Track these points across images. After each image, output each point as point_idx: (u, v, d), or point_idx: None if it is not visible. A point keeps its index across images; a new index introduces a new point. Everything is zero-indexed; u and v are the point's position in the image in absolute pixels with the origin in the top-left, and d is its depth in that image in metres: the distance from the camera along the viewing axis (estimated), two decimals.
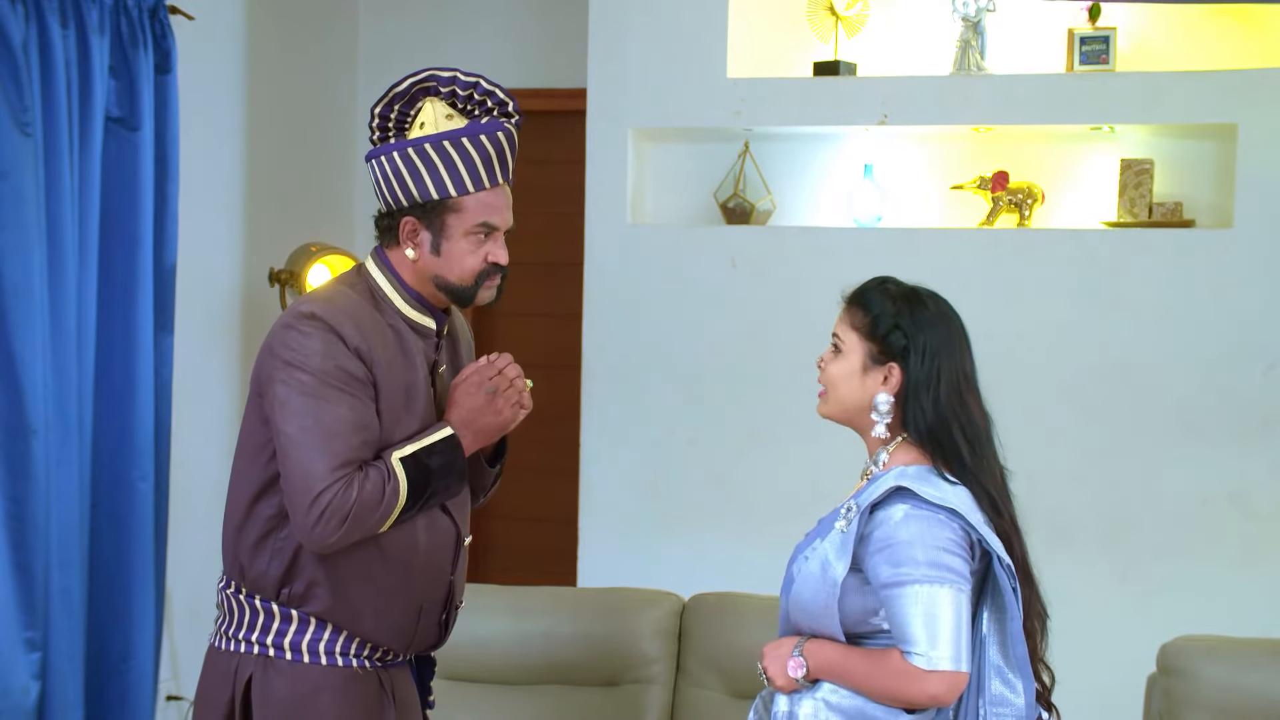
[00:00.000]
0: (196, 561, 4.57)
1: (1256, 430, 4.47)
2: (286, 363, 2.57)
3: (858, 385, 2.51)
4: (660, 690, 3.59)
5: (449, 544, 2.77)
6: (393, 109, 2.71)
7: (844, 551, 2.40)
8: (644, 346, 4.93)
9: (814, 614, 2.45)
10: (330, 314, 2.60)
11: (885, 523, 2.37)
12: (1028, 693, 2.41)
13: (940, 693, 2.32)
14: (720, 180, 5.01)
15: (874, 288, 2.56)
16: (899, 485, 2.38)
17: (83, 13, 3.92)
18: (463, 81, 2.68)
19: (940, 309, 2.53)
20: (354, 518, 2.53)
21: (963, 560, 2.35)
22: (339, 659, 2.69)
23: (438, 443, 2.64)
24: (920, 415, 2.46)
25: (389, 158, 2.66)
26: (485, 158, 2.66)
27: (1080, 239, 4.64)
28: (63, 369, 3.89)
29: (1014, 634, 2.40)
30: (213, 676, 2.73)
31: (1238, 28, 4.66)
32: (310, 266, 4.88)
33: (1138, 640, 3.81)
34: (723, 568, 4.66)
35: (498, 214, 2.69)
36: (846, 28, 4.88)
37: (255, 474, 2.67)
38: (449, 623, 2.85)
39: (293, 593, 2.66)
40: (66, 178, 3.88)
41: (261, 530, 2.66)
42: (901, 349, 2.48)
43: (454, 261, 2.67)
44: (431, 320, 2.75)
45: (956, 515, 2.35)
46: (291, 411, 2.55)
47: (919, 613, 2.31)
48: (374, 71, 5.80)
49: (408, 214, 2.67)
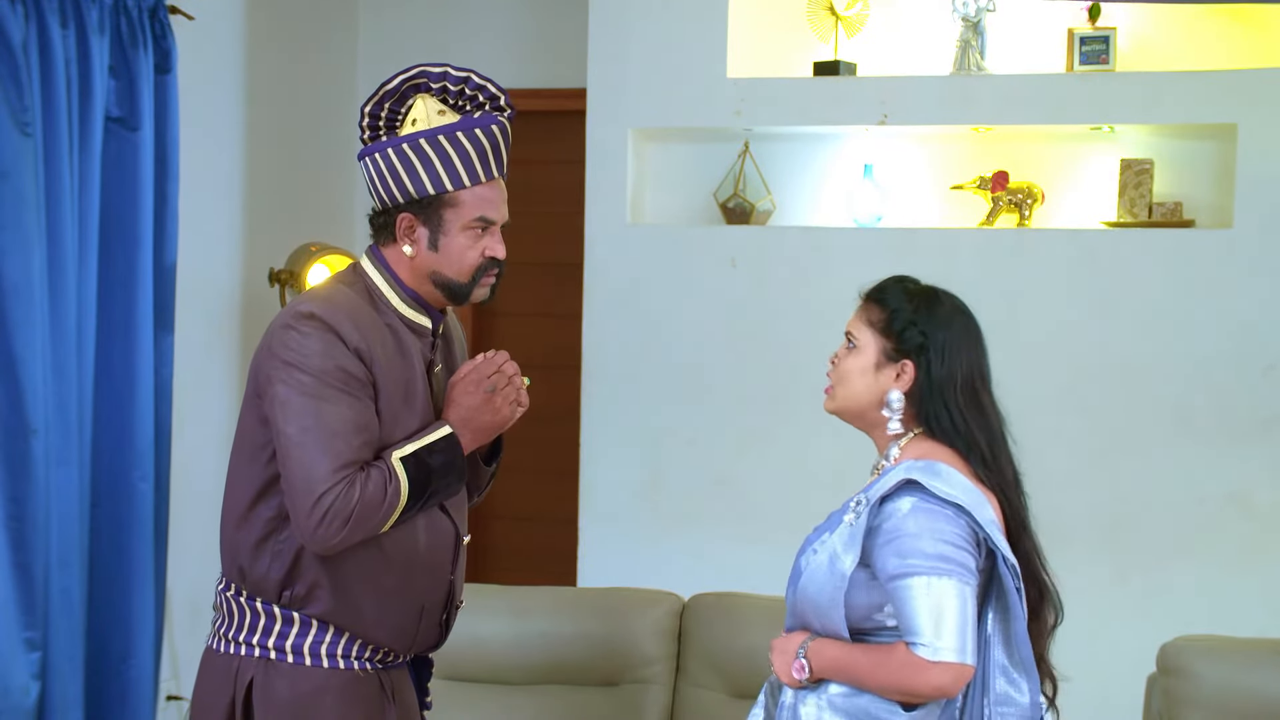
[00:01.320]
0: (196, 561, 4.57)
1: (1256, 430, 4.47)
2: (286, 363, 2.56)
3: (871, 381, 2.52)
4: (660, 690, 3.59)
5: (449, 544, 2.76)
6: (383, 107, 2.70)
7: (852, 544, 2.40)
8: (644, 346, 4.93)
9: (820, 607, 2.45)
10: (329, 313, 2.59)
11: (893, 515, 2.38)
12: (1033, 692, 2.41)
13: (945, 684, 2.31)
14: (720, 180, 5.01)
15: (892, 285, 2.57)
16: (908, 478, 2.38)
17: (82, 12, 3.92)
18: (454, 77, 2.68)
19: (957, 308, 2.55)
20: (356, 518, 2.52)
21: (969, 554, 2.36)
22: (340, 661, 2.68)
23: (437, 441, 2.64)
24: (938, 414, 2.47)
25: (383, 155, 2.65)
26: (480, 152, 2.65)
27: (1080, 239, 4.64)
28: (63, 369, 3.89)
29: (1018, 634, 2.40)
30: (212, 678, 2.72)
31: (1238, 28, 4.67)
32: (310, 266, 4.88)
33: (1137, 640, 3.82)
34: (722, 568, 4.66)
35: (494, 208, 2.68)
36: (846, 28, 4.88)
37: (254, 475, 2.65)
38: (449, 623, 2.84)
39: (294, 595, 2.65)
40: (66, 178, 3.88)
41: (261, 532, 2.65)
42: (917, 346, 2.49)
43: (452, 257, 2.67)
44: (428, 319, 2.74)
45: (963, 511, 2.35)
46: (292, 412, 2.54)
47: (925, 604, 2.31)
48: (374, 71, 5.80)
49: (404, 210, 2.66)
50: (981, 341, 2.55)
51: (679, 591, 3.76)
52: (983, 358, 2.54)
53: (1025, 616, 2.41)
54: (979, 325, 2.56)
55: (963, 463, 2.45)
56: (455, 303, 2.75)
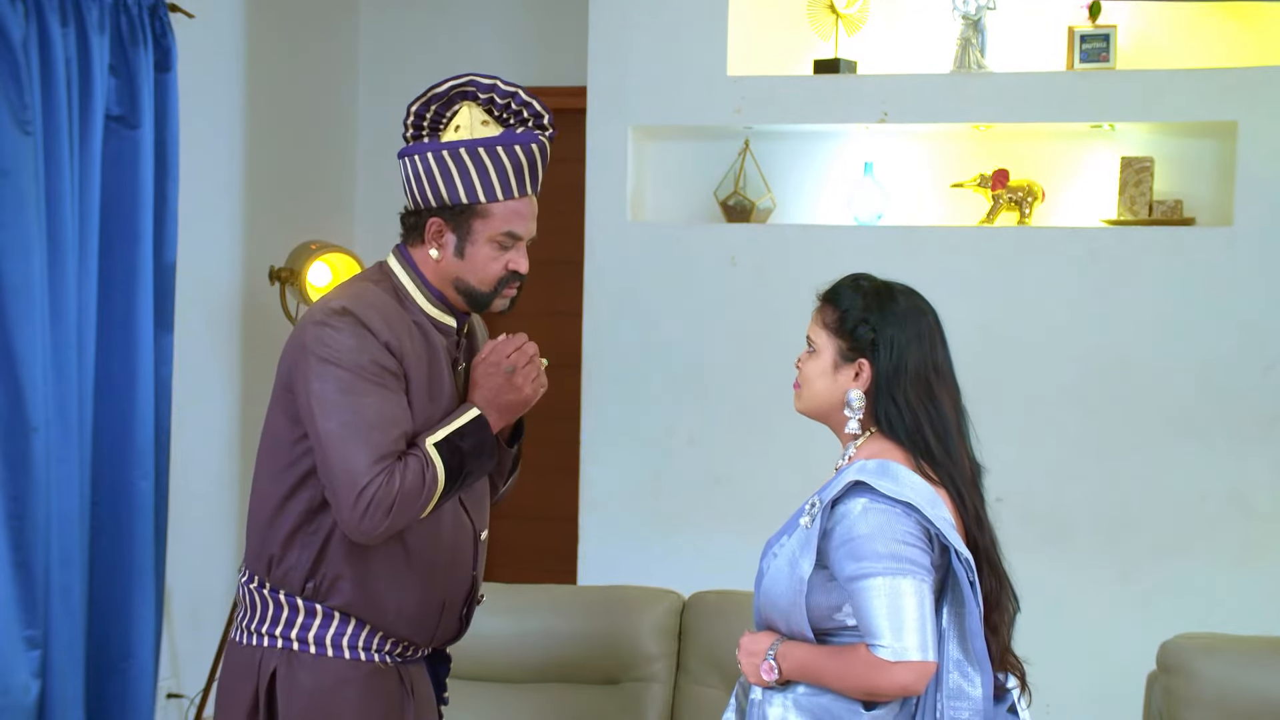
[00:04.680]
0: (196, 559, 4.57)
1: (1256, 429, 4.47)
2: (322, 359, 2.60)
3: (830, 382, 2.53)
4: (661, 688, 3.59)
5: (469, 540, 2.81)
6: (429, 109, 2.74)
7: (808, 548, 2.42)
8: (644, 345, 4.93)
9: (782, 609, 2.47)
10: (361, 309, 2.63)
11: (845, 517, 2.39)
12: (985, 685, 2.42)
13: (909, 682, 2.33)
14: (720, 178, 5.01)
15: (845, 285, 2.58)
16: (857, 480, 2.39)
17: (82, 11, 3.92)
18: (501, 90, 2.72)
19: (912, 303, 2.54)
20: (399, 507, 2.56)
21: (922, 551, 2.37)
22: (361, 653, 2.71)
23: (467, 424, 2.67)
24: (886, 409, 2.48)
25: (422, 157, 2.69)
26: (517, 167, 2.69)
27: (1080, 237, 4.64)
28: (63, 367, 3.89)
29: (972, 629, 2.41)
30: (235, 670, 2.76)
31: (1238, 26, 4.66)
32: (310, 264, 4.88)
33: (1137, 638, 3.81)
34: (723, 566, 4.65)
35: (523, 223, 2.72)
36: (847, 26, 4.88)
37: (286, 470, 2.69)
38: (469, 616, 2.89)
39: (317, 586, 2.68)
40: (66, 176, 3.88)
41: (294, 524, 2.69)
42: (869, 343, 2.50)
43: (476, 266, 2.71)
44: (453, 319, 2.78)
45: (913, 509, 2.36)
46: (331, 408, 2.58)
47: (883, 605, 2.32)
48: (374, 70, 5.80)
49: (435, 214, 2.71)
50: (936, 334, 2.53)
51: (679, 589, 3.76)
52: (936, 350, 2.52)
53: (980, 611, 2.42)
54: (938, 318, 2.55)
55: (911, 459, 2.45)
56: (476, 309, 2.79)
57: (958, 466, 2.48)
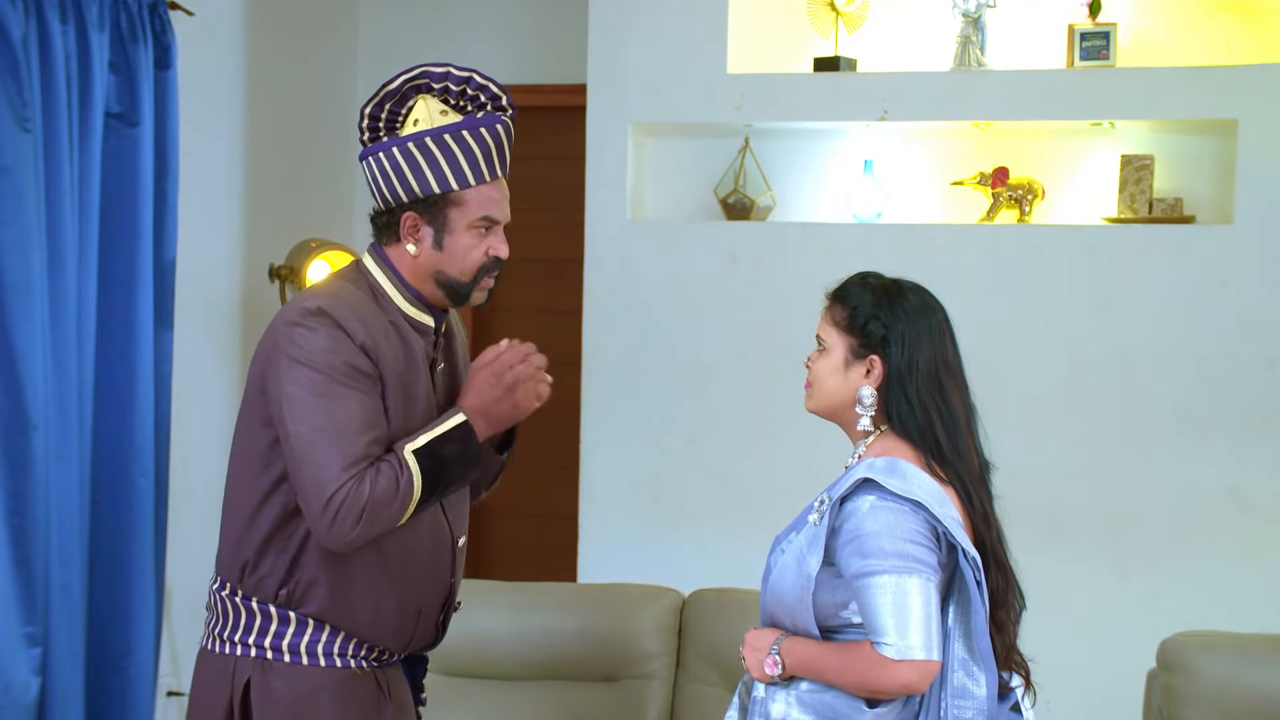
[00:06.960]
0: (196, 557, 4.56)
1: (1256, 426, 4.47)
2: (294, 360, 2.54)
3: (842, 380, 2.53)
4: (660, 686, 3.59)
5: (447, 546, 2.76)
6: (383, 108, 2.70)
7: (816, 545, 2.42)
8: (644, 342, 4.93)
9: (789, 606, 2.47)
10: (335, 309, 2.58)
11: (854, 514, 2.39)
12: (990, 685, 2.42)
13: (913, 681, 2.34)
14: (720, 176, 5.01)
15: (854, 283, 2.58)
16: (866, 477, 2.39)
17: (82, 8, 3.92)
18: (455, 77, 2.68)
19: (921, 299, 2.54)
20: (369, 514, 2.51)
21: (930, 550, 2.37)
22: (337, 660, 2.67)
23: (451, 431, 2.61)
24: (898, 405, 2.48)
25: (387, 154, 2.65)
26: (485, 151, 2.65)
27: (1080, 235, 4.64)
28: (62, 364, 3.89)
29: (977, 628, 2.41)
30: (208, 679, 2.71)
31: (1238, 23, 4.66)
32: (310, 262, 4.88)
33: (1137, 636, 3.81)
34: (723, 563, 4.65)
35: (498, 207, 2.68)
36: (847, 23, 4.87)
37: (260, 475, 2.64)
38: (445, 624, 2.84)
39: (290, 593, 2.64)
40: (66, 174, 3.88)
41: (269, 530, 2.64)
42: (880, 339, 2.50)
43: (456, 256, 2.66)
44: (430, 318, 2.73)
45: (921, 507, 2.36)
46: (302, 411, 2.52)
47: (888, 602, 2.32)
48: (374, 69, 5.80)
49: (408, 210, 2.66)
50: (945, 330, 2.54)
51: (679, 587, 3.76)
52: (946, 346, 2.52)
53: (986, 609, 2.42)
54: (947, 315, 2.55)
55: (920, 457, 2.45)
56: (456, 303, 2.74)
57: (966, 463, 2.48)
